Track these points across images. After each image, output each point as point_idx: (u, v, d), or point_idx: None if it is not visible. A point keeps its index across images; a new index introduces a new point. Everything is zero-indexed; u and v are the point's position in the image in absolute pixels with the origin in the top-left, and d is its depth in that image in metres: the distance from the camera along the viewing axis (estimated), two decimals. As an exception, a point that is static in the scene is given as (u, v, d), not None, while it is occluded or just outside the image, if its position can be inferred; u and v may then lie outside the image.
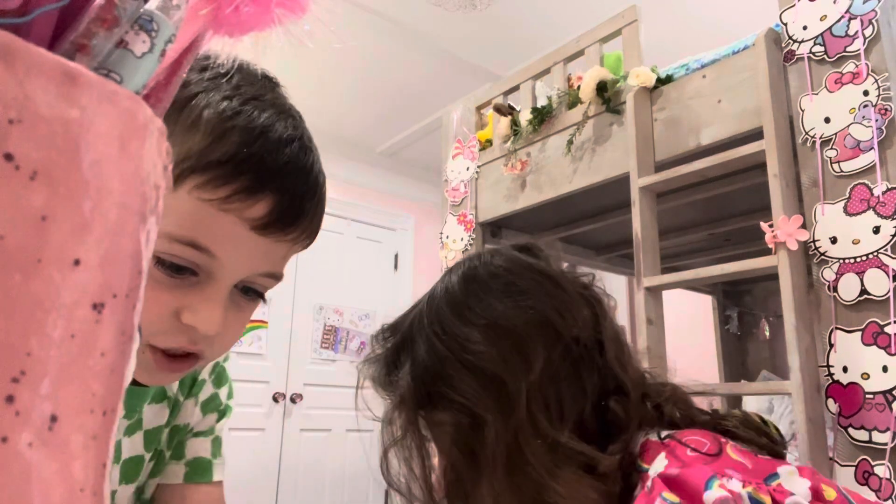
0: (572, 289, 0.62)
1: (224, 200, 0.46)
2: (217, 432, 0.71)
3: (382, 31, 3.02)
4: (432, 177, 3.93)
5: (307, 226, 0.53)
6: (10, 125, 0.16)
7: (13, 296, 0.16)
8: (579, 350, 0.57)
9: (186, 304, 0.48)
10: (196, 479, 0.67)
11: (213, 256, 0.47)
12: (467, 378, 0.56)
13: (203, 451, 0.69)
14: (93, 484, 0.19)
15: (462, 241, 2.55)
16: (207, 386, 0.71)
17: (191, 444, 0.68)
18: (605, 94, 2.02)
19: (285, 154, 0.49)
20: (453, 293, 0.62)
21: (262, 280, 0.53)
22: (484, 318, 0.58)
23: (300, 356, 3.83)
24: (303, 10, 0.27)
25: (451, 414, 0.57)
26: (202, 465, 0.68)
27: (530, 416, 0.53)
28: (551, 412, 0.54)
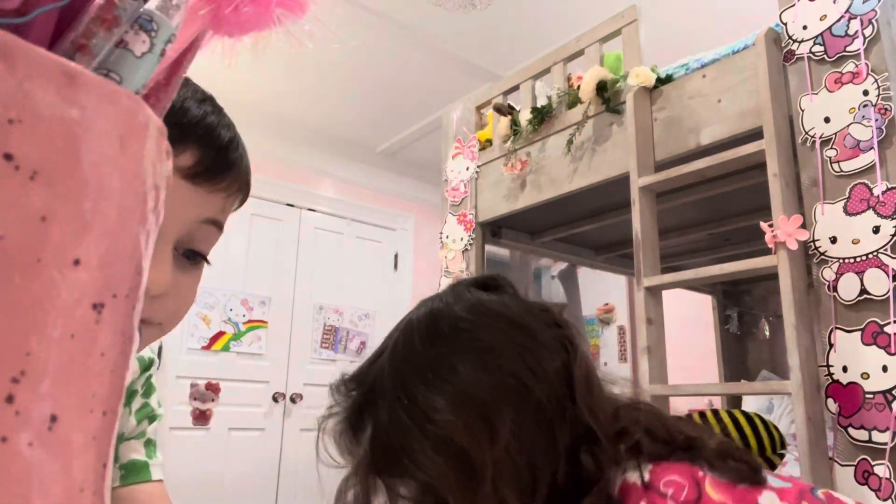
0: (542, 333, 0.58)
1: None
2: (149, 434, 0.72)
3: (382, 31, 3.02)
4: (432, 177, 3.93)
5: (236, 176, 0.54)
6: (10, 125, 0.16)
7: (13, 296, 0.16)
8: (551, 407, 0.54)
9: None
10: (133, 479, 0.68)
11: None
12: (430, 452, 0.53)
13: (136, 453, 0.69)
14: (92, 484, 0.19)
15: (462, 241, 2.55)
16: (138, 398, 0.72)
17: (123, 449, 0.69)
18: (605, 93, 2.02)
19: (201, 110, 0.51)
20: (416, 352, 0.59)
21: (204, 231, 0.53)
22: (448, 382, 0.55)
23: (300, 356, 3.83)
24: (303, 10, 0.27)
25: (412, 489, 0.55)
26: (137, 466, 0.69)
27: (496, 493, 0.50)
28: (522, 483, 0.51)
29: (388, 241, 4.43)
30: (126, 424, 0.69)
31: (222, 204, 0.54)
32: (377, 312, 4.22)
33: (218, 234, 0.55)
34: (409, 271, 4.45)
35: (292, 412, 3.74)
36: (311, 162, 4.03)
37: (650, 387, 1.66)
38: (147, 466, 0.69)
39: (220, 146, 0.52)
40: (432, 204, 4.31)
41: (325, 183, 4.14)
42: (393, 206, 4.49)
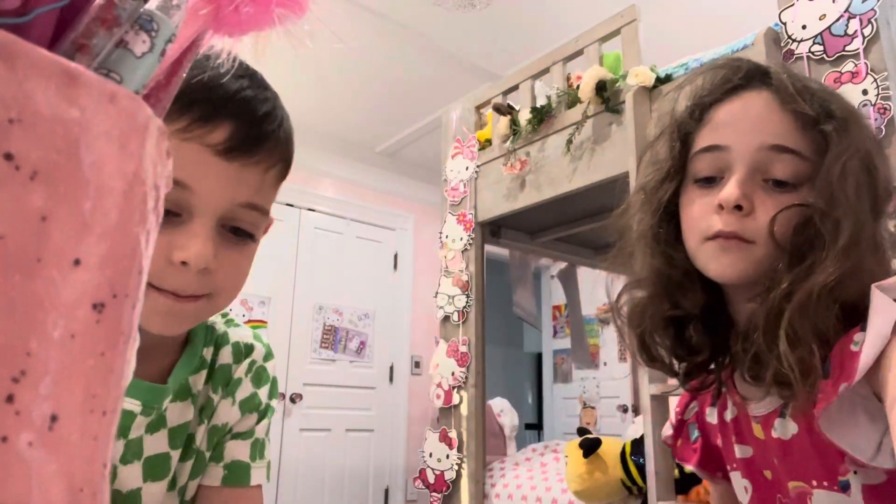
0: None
1: (184, 130, 0.49)
2: (257, 434, 0.70)
3: (382, 31, 3.02)
4: (432, 176, 3.93)
5: (273, 149, 0.54)
6: (10, 125, 0.16)
7: (13, 296, 0.16)
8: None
9: (176, 245, 0.51)
10: (234, 482, 0.66)
11: (186, 188, 0.50)
12: (859, 181, 0.61)
13: (241, 454, 0.68)
14: (92, 484, 0.19)
15: (461, 241, 2.55)
16: (245, 384, 0.70)
17: (229, 447, 0.68)
18: (605, 93, 2.02)
19: (235, 84, 0.52)
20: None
21: (245, 214, 0.54)
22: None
23: (300, 356, 3.84)
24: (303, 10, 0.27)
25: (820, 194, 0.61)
26: (240, 469, 0.67)
27: (866, 242, 0.60)
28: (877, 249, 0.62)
29: (387, 241, 4.43)
30: (229, 415, 0.67)
31: (259, 180, 0.54)
32: (377, 312, 4.22)
33: (262, 218, 0.56)
34: (409, 271, 4.45)
35: (292, 412, 3.74)
36: (310, 162, 4.03)
37: (650, 387, 1.66)
38: (248, 470, 0.67)
39: (254, 119, 0.52)
40: (432, 204, 4.31)
41: (325, 183, 4.14)
42: (392, 206, 4.49)
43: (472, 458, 2.35)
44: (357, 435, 4.00)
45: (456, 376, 2.44)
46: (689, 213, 0.68)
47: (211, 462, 0.67)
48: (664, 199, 0.71)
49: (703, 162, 0.67)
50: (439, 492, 2.39)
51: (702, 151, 0.68)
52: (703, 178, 0.67)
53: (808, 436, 0.62)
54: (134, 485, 0.60)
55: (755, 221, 0.63)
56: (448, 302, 2.53)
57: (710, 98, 0.70)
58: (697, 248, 0.66)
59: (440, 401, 2.48)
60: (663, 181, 0.72)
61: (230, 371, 0.69)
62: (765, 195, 0.63)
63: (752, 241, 0.62)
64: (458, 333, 2.48)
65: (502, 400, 3.60)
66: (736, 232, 0.63)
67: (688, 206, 0.69)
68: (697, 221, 0.66)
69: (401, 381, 4.25)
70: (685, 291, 0.70)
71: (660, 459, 1.64)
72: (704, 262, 0.66)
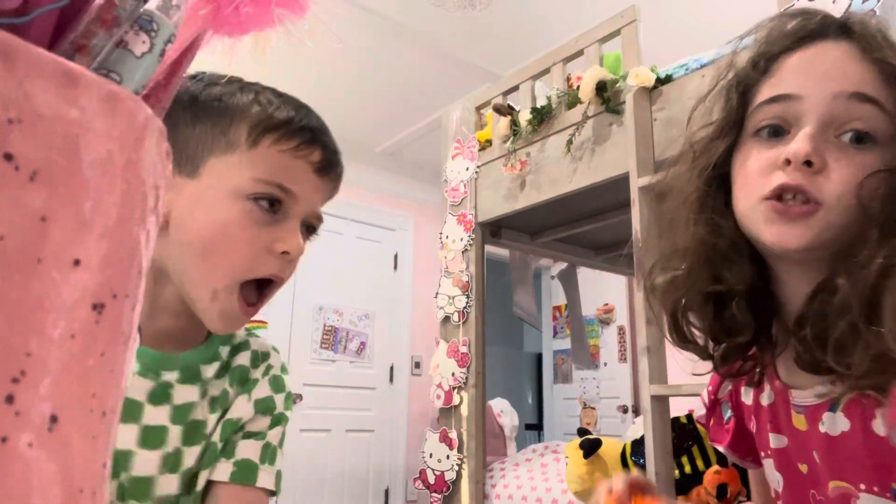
0: None
1: (295, 149, 0.64)
2: (269, 439, 0.72)
3: (382, 31, 3.02)
4: (432, 177, 3.93)
5: (340, 173, 0.70)
6: (10, 125, 0.16)
7: (13, 296, 0.16)
8: None
9: (276, 238, 0.63)
10: (241, 479, 0.68)
11: (290, 194, 0.64)
12: None
13: (252, 454, 0.70)
14: (92, 484, 0.19)
15: (462, 241, 2.55)
16: (263, 385, 0.74)
17: (241, 446, 0.70)
18: (605, 93, 2.02)
19: (317, 122, 0.68)
20: None
21: (315, 221, 0.70)
22: None
23: (300, 356, 3.83)
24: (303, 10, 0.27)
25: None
26: (248, 468, 0.69)
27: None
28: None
29: (387, 242, 4.43)
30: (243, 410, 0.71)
31: (330, 193, 0.70)
32: (377, 313, 4.22)
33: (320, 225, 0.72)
34: (409, 271, 4.45)
35: (292, 412, 3.74)
36: (310, 162, 4.03)
37: (650, 387, 1.66)
38: (256, 470, 0.69)
39: (334, 149, 0.69)
40: (432, 204, 4.31)
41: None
42: (393, 207, 4.49)
43: (472, 459, 2.35)
44: (357, 435, 4.00)
45: (456, 377, 2.44)
46: (745, 170, 0.60)
47: (222, 457, 0.69)
48: (715, 157, 0.63)
49: (768, 113, 0.59)
50: (439, 492, 2.39)
51: (767, 102, 0.59)
52: (765, 131, 0.59)
53: (861, 435, 0.56)
54: (127, 445, 0.62)
55: (827, 181, 0.54)
56: (448, 302, 2.53)
57: (778, 47, 0.61)
58: (751, 210, 0.58)
59: (440, 401, 2.48)
60: (716, 137, 0.64)
61: (247, 372, 0.74)
62: (839, 153, 0.55)
63: (820, 204, 0.54)
64: (459, 334, 2.48)
65: (502, 400, 3.60)
66: (802, 186, 0.54)
67: (744, 163, 0.60)
68: (755, 179, 0.58)
69: (401, 382, 4.25)
70: (730, 264, 0.61)
71: (660, 460, 1.64)
72: (758, 226, 0.57)
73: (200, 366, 0.69)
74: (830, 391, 0.57)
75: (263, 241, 0.62)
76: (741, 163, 0.61)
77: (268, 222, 0.62)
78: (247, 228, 0.61)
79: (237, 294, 0.62)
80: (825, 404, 0.59)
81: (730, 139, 0.63)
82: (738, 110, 0.63)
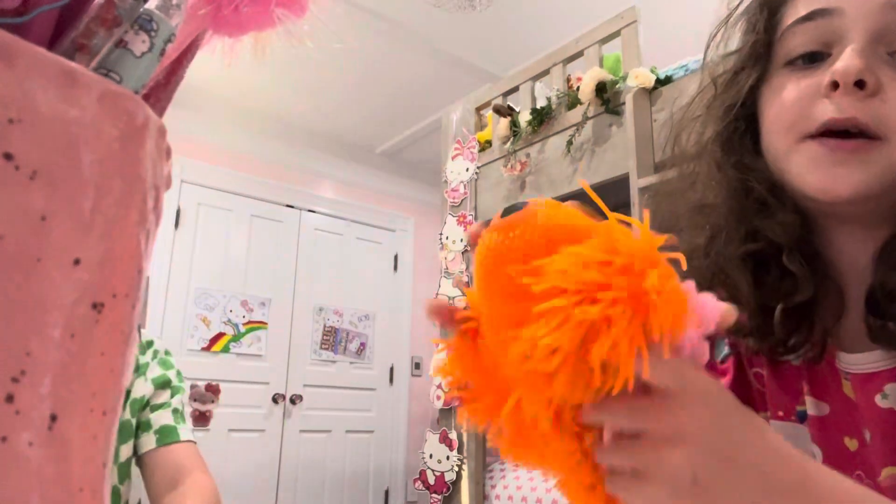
0: None
1: None
2: (174, 405, 0.85)
3: (382, 32, 3.02)
4: (432, 178, 3.93)
5: None
6: (10, 125, 0.16)
7: (13, 296, 0.16)
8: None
9: None
10: (167, 440, 0.81)
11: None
12: None
13: (166, 419, 0.82)
14: (92, 483, 0.19)
15: (462, 242, 2.55)
16: (154, 367, 0.86)
17: (154, 417, 0.82)
18: (605, 94, 2.02)
19: None
20: None
21: None
22: None
23: (300, 357, 3.83)
24: (303, 10, 0.27)
25: None
26: (168, 430, 0.82)
27: None
28: None
29: (387, 243, 4.42)
30: (144, 389, 0.82)
31: None
32: (377, 313, 4.22)
33: None
34: (409, 272, 4.45)
35: (292, 413, 3.74)
36: (310, 163, 4.03)
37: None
38: (176, 430, 0.82)
39: None
40: (432, 205, 4.31)
41: (325, 184, 4.14)
42: (393, 208, 4.49)
43: (472, 460, 2.35)
44: (357, 436, 3.99)
45: (456, 377, 2.44)
46: (779, 102, 0.50)
47: (143, 433, 0.81)
48: (743, 91, 0.53)
49: (803, 35, 0.49)
50: (439, 493, 2.39)
51: (800, 21, 0.49)
52: (801, 57, 0.49)
53: None
54: None
55: (885, 106, 0.44)
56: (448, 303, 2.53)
57: None
58: (790, 153, 0.48)
59: (440, 402, 2.48)
60: (741, 69, 0.54)
61: (137, 358, 0.86)
62: (894, 71, 0.45)
63: (880, 138, 0.44)
64: (459, 335, 2.48)
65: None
66: (858, 119, 0.44)
67: (776, 94, 0.51)
68: (792, 112, 0.48)
69: (401, 383, 4.25)
70: (770, 214, 0.50)
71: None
72: (800, 172, 0.47)
73: None
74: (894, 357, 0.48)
75: None
76: (773, 95, 0.51)
77: None
78: None
79: None
80: (887, 373, 0.49)
81: (758, 70, 0.53)
82: (767, 34, 0.53)
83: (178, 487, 0.76)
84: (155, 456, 0.80)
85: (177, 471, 0.78)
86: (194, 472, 0.79)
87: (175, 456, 0.80)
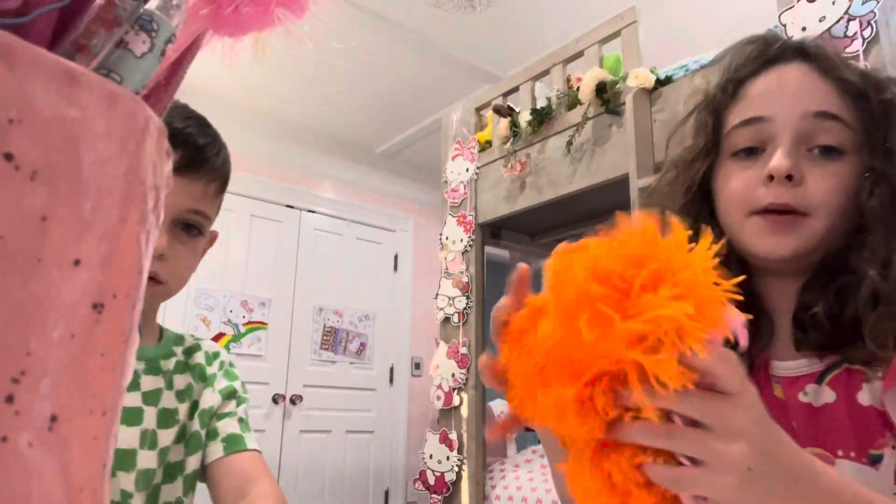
0: None
1: None
2: (240, 414, 0.86)
3: (382, 33, 3.02)
4: (432, 178, 3.93)
5: (211, 169, 0.75)
6: (10, 125, 0.16)
7: (13, 296, 0.16)
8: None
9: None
10: (234, 448, 0.82)
11: None
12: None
13: (232, 428, 0.84)
14: (92, 483, 0.19)
15: (462, 242, 2.55)
16: (220, 379, 0.88)
17: (221, 426, 0.83)
18: (605, 95, 2.02)
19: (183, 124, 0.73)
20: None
21: (192, 217, 0.74)
22: None
23: (300, 357, 3.83)
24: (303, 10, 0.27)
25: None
26: (236, 438, 0.83)
27: None
28: None
29: (387, 243, 4.42)
30: (212, 400, 0.84)
31: (202, 191, 0.74)
32: (377, 314, 4.22)
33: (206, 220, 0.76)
34: (409, 272, 4.45)
35: (292, 414, 3.74)
36: (310, 163, 4.03)
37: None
38: (243, 438, 0.83)
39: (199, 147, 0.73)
40: (432, 205, 4.31)
41: (325, 184, 4.14)
42: (393, 208, 4.49)
43: (472, 460, 2.35)
44: (357, 436, 3.99)
45: (456, 378, 2.44)
46: (729, 188, 0.65)
47: (210, 442, 0.82)
48: (698, 176, 0.69)
49: (743, 135, 0.65)
50: (439, 493, 2.39)
51: (741, 125, 0.65)
52: (742, 151, 0.65)
53: (845, 406, 0.60)
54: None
55: (808, 192, 0.60)
56: (448, 303, 2.53)
57: (743, 72, 0.67)
58: (742, 225, 0.63)
59: (440, 402, 2.48)
60: (696, 159, 0.70)
61: (205, 369, 0.87)
62: (812, 165, 0.61)
63: (807, 214, 0.60)
64: (459, 335, 2.48)
65: (502, 401, 3.59)
66: (790, 204, 0.60)
67: (726, 181, 0.66)
68: (740, 195, 0.63)
69: (401, 383, 4.25)
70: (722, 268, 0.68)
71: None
72: (751, 239, 0.62)
73: (160, 360, 0.81)
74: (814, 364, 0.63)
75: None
76: (724, 181, 0.66)
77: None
78: None
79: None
80: (809, 376, 0.64)
81: (709, 160, 0.69)
82: (714, 133, 0.69)
83: (247, 497, 0.77)
84: (223, 464, 0.80)
85: (244, 479, 0.79)
86: (262, 480, 0.79)
87: (242, 465, 0.81)
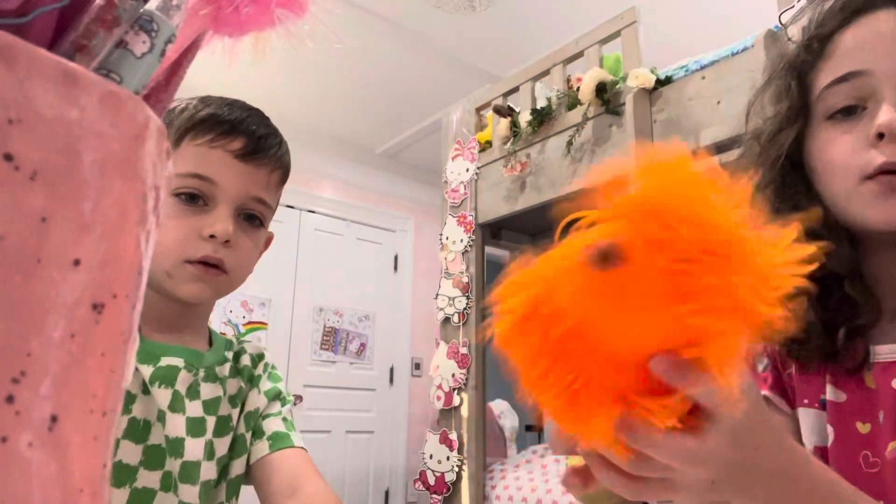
0: None
1: (211, 141, 0.71)
2: (284, 414, 0.86)
3: (382, 33, 3.02)
4: (432, 178, 3.93)
5: (274, 157, 0.76)
6: (10, 125, 0.16)
7: (13, 296, 0.16)
8: None
9: (204, 224, 0.70)
10: (280, 445, 0.81)
11: (212, 182, 0.70)
12: None
13: (277, 426, 0.83)
14: (92, 484, 0.19)
15: (462, 243, 2.55)
16: (265, 380, 0.88)
17: (266, 424, 0.83)
18: (605, 95, 2.02)
19: (245, 114, 0.75)
20: None
21: (256, 205, 0.75)
22: None
23: (300, 358, 3.83)
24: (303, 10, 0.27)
25: None
26: (281, 436, 0.82)
27: None
28: None
29: (387, 243, 4.42)
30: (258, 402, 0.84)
31: (266, 178, 0.75)
32: (377, 314, 4.22)
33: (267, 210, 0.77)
34: (409, 273, 4.45)
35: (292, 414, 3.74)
36: (311, 163, 4.03)
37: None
38: (289, 436, 0.83)
39: (261, 136, 0.74)
40: (432, 205, 4.31)
41: (325, 184, 4.14)
42: (393, 208, 4.49)
43: (472, 460, 2.35)
44: (357, 437, 4.00)
45: (456, 378, 2.44)
46: (830, 155, 0.60)
47: (256, 441, 0.82)
48: (785, 146, 0.63)
49: (839, 94, 0.59)
50: (439, 494, 2.39)
51: (835, 83, 0.59)
52: (839, 112, 0.59)
53: None
54: (179, 433, 0.72)
55: None
56: (448, 303, 2.53)
57: (829, 26, 0.62)
58: (851, 193, 0.58)
59: (440, 402, 2.48)
60: (782, 128, 0.64)
61: (252, 371, 0.87)
62: None
63: None
64: (459, 335, 2.48)
65: (502, 402, 3.59)
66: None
67: (825, 147, 0.60)
68: (846, 161, 0.58)
69: (401, 383, 4.25)
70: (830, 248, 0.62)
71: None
72: (865, 208, 0.57)
73: (216, 367, 0.80)
74: None
75: (191, 228, 0.69)
76: (821, 147, 0.61)
77: (193, 212, 0.70)
78: (171, 219, 0.69)
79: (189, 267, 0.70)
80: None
81: (797, 126, 0.63)
82: (800, 97, 0.63)
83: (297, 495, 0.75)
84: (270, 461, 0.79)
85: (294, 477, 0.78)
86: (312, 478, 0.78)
87: (290, 462, 0.80)
